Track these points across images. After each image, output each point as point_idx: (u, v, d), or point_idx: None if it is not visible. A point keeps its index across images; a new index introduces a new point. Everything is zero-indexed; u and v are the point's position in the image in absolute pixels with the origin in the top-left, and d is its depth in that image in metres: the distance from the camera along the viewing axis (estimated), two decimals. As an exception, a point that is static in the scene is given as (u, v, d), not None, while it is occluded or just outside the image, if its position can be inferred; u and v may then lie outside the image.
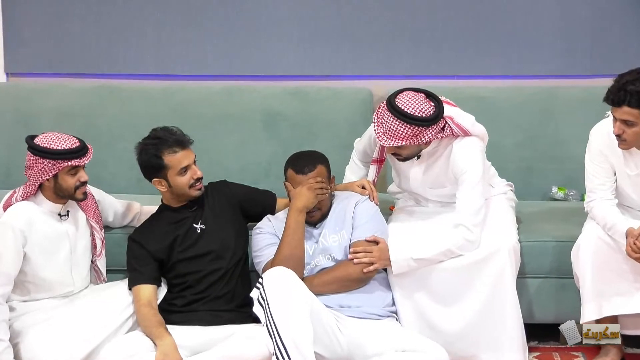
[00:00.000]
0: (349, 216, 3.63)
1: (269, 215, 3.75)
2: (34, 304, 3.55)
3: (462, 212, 3.56)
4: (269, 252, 3.59)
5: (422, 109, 3.47)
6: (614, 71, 3.52)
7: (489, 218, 3.64)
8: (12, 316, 3.48)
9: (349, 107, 4.54)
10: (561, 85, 4.58)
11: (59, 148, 3.44)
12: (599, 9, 4.62)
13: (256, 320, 3.39)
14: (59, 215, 3.56)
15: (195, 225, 3.66)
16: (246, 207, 3.77)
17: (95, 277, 3.72)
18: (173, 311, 3.57)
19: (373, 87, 4.63)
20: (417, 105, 3.47)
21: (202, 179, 3.63)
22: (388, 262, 3.55)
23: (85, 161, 3.49)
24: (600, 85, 3.50)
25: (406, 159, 3.65)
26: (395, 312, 3.60)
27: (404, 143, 3.49)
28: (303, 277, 3.49)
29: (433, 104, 3.52)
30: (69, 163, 3.45)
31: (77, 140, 3.50)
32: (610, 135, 3.46)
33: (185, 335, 3.46)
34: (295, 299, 3.26)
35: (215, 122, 4.53)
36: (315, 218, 3.63)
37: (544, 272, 3.79)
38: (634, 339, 3.77)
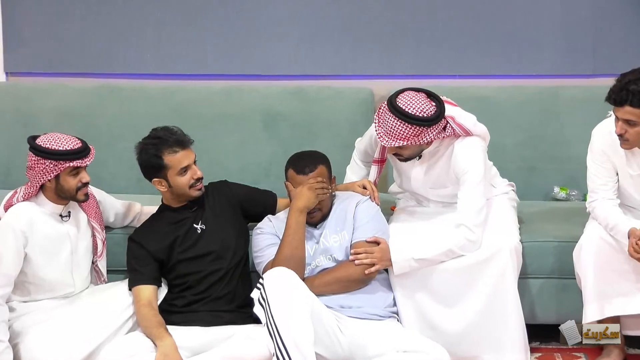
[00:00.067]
0: (350, 216, 3.62)
1: (270, 216, 3.74)
2: (34, 305, 3.54)
3: (464, 212, 3.55)
4: (269, 253, 3.58)
5: (423, 109, 3.46)
6: (616, 71, 3.51)
7: (490, 218, 3.63)
8: (12, 316, 3.48)
9: (350, 107, 4.53)
10: (563, 85, 4.57)
11: (61, 149, 3.43)
12: (600, 8, 4.61)
13: (257, 320, 3.38)
14: (60, 216, 3.55)
15: (195, 225, 3.65)
16: (247, 207, 3.76)
17: (95, 278, 3.72)
18: (173, 312, 3.56)
19: (374, 87, 4.62)
20: (418, 105, 3.46)
21: (202, 179, 3.62)
22: (389, 263, 3.54)
23: (87, 162, 3.48)
24: (602, 85, 3.49)
25: (407, 159, 3.64)
26: (396, 313, 3.59)
27: (405, 143, 3.48)
28: (304, 278, 3.48)
29: (434, 103, 3.51)
30: (71, 164, 3.44)
31: (79, 141, 3.49)
32: (612, 135, 3.45)
33: (185, 336, 3.45)
34: (296, 299, 3.26)
35: (215, 122, 4.52)
36: (316, 219, 3.62)
37: (546, 273, 3.78)
38: (636, 340, 3.76)
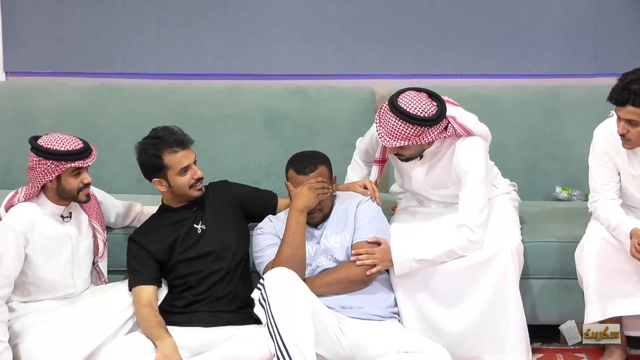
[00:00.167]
0: (351, 217, 3.61)
1: (270, 216, 3.73)
2: (34, 305, 3.53)
3: (465, 213, 3.54)
4: (270, 253, 3.58)
5: (425, 109, 3.45)
6: (617, 70, 3.52)
7: (492, 218, 3.62)
8: (12, 317, 3.47)
9: (351, 107, 4.53)
10: (564, 85, 4.57)
11: (63, 149, 3.42)
12: (602, 7, 4.60)
13: (257, 321, 3.37)
14: (62, 216, 3.54)
15: (195, 225, 3.64)
16: (247, 207, 3.75)
17: (96, 278, 3.71)
18: (174, 312, 3.56)
19: (375, 86, 4.61)
20: (420, 105, 3.45)
21: (203, 179, 3.62)
22: (390, 264, 3.53)
23: (89, 163, 3.47)
24: (604, 85, 3.50)
25: (409, 159, 3.63)
26: (397, 313, 3.59)
27: (406, 143, 3.47)
28: (304, 278, 3.47)
29: (435, 103, 3.50)
30: (73, 164, 3.43)
31: (81, 142, 3.48)
32: (614, 135, 3.45)
33: (185, 337, 3.45)
34: (296, 300, 3.25)
35: (215, 122, 4.51)
36: (317, 219, 3.61)
37: (548, 273, 3.77)
38: (639, 340, 3.75)
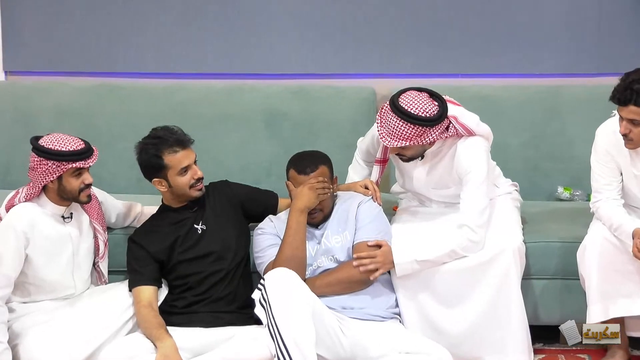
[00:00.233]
0: (352, 217, 3.61)
1: (271, 216, 3.72)
2: (34, 306, 3.53)
3: (466, 213, 3.53)
4: (270, 253, 3.57)
5: (426, 109, 3.44)
6: (619, 70, 3.52)
7: (493, 218, 3.61)
8: (12, 317, 3.47)
9: (352, 106, 4.52)
10: (567, 84, 4.56)
11: (64, 149, 3.41)
12: (604, 7, 4.59)
13: (258, 321, 3.37)
14: (63, 217, 3.53)
15: (196, 226, 3.63)
16: (247, 207, 3.75)
17: (96, 279, 3.71)
18: (174, 313, 3.55)
19: (376, 86, 4.60)
20: (421, 105, 3.44)
21: (203, 179, 3.61)
22: (392, 265, 3.52)
23: (90, 163, 3.46)
24: (606, 84, 3.48)
25: (410, 160, 3.62)
26: (398, 314, 3.58)
27: (407, 143, 3.46)
28: (305, 279, 3.47)
29: (437, 103, 3.49)
30: (74, 165, 3.42)
31: (82, 142, 3.47)
32: (616, 135, 3.44)
33: (186, 337, 3.44)
34: (297, 300, 3.24)
35: (216, 122, 4.51)
36: (317, 219, 3.60)
37: (549, 273, 3.76)
38: (641, 341, 3.75)
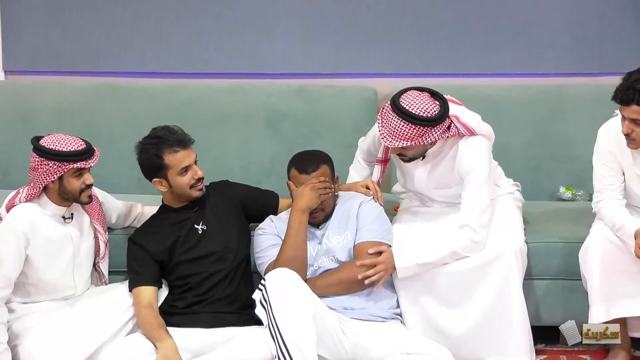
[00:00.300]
0: (353, 217, 3.60)
1: (272, 216, 3.72)
2: (34, 306, 3.52)
3: (468, 213, 3.52)
4: (271, 253, 3.56)
5: (427, 109, 3.43)
6: (622, 69, 3.53)
7: (495, 219, 3.61)
8: (12, 318, 3.46)
9: (353, 106, 4.52)
10: (569, 84, 4.56)
11: (65, 150, 3.40)
12: (607, 6, 4.59)
13: (258, 322, 3.36)
14: (63, 217, 3.52)
15: (196, 226, 3.63)
16: (248, 208, 3.74)
17: (97, 279, 3.70)
18: (174, 313, 3.54)
19: (378, 85, 4.60)
20: (422, 104, 3.43)
21: (203, 179, 3.60)
22: (394, 269, 3.51)
23: (92, 163, 3.46)
24: (609, 84, 3.47)
25: (411, 160, 3.61)
26: (399, 315, 3.57)
27: (408, 144, 3.45)
28: (306, 279, 3.46)
29: (438, 103, 3.48)
30: (75, 165, 3.41)
31: (83, 142, 3.46)
32: (618, 135, 3.43)
33: (186, 338, 3.44)
34: (298, 300, 3.23)
35: (217, 121, 4.50)
36: (318, 219, 3.60)
37: (551, 274, 3.75)
38: (644, 342, 3.75)
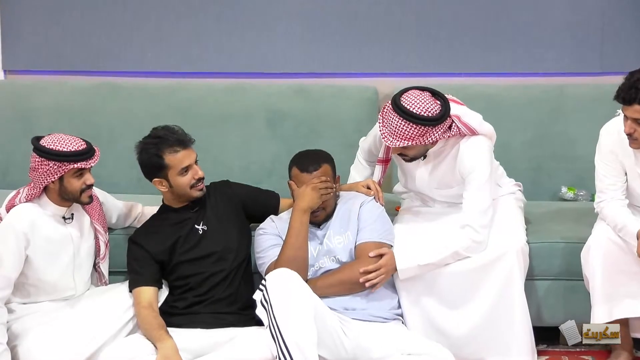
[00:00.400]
0: (354, 217, 3.59)
1: (272, 216, 3.71)
2: (33, 307, 3.52)
3: (469, 213, 3.52)
4: (272, 254, 3.56)
5: (428, 108, 3.42)
6: (624, 69, 3.52)
7: (496, 219, 3.60)
8: (12, 318, 3.46)
9: (354, 105, 4.52)
10: (570, 83, 4.56)
11: (65, 150, 3.40)
12: (608, 5, 4.59)
13: (259, 322, 3.35)
14: (63, 218, 3.52)
15: (197, 226, 3.62)
16: (249, 208, 3.74)
17: (97, 279, 3.70)
18: (174, 314, 3.54)
19: (378, 85, 4.60)
20: (423, 104, 3.42)
21: (204, 179, 3.59)
22: (396, 271, 3.51)
23: (92, 164, 3.45)
24: (611, 83, 3.47)
25: (412, 159, 3.60)
26: (401, 315, 3.57)
27: (409, 143, 3.44)
28: (307, 279, 3.45)
29: (439, 102, 3.47)
30: (75, 165, 3.41)
31: (84, 142, 3.46)
32: (620, 134, 3.43)
33: (186, 338, 3.43)
34: (298, 301, 3.23)
35: (217, 121, 4.50)
36: (320, 218, 3.59)
37: (553, 274, 3.74)
38: (645, 342, 3.74)
